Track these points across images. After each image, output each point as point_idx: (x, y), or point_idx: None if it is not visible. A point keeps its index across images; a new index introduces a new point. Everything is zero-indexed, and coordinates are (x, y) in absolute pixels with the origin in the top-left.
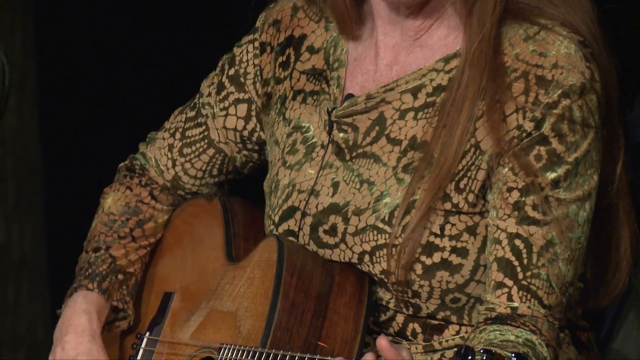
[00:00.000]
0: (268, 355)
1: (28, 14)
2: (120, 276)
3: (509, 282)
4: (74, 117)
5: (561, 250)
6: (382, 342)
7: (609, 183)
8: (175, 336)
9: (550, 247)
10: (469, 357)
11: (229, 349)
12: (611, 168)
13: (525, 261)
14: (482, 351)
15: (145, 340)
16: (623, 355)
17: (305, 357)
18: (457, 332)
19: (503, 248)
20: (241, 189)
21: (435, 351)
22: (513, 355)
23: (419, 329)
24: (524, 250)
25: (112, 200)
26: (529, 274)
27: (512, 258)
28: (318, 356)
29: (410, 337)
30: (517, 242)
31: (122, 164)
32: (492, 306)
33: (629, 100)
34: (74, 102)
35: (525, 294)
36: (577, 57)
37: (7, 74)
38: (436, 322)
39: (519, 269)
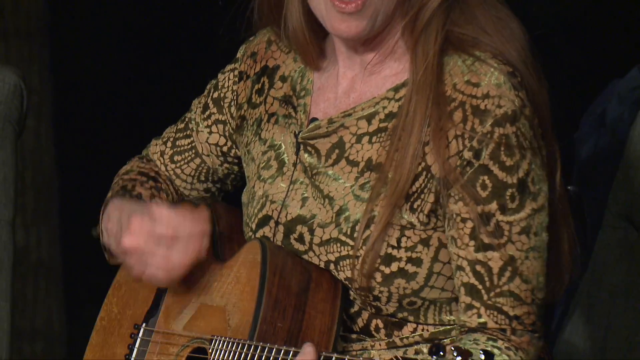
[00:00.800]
0: (256, 347)
1: (45, 45)
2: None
3: (477, 304)
4: (85, 136)
5: (520, 264)
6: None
7: (550, 193)
8: (169, 327)
9: (509, 265)
10: (440, 353)
11: (220, 341)
12: (551, 180)
13: (487, 284)
14: (452, 348)
15: (142, 330)
16: (571, 344)
17: (290, 351)
18: (415, 330)
19: (467, 274)
20: (225, 195)
21: (397, 347)
22: (481, 351)
23: (381, 325)
24: (485, 274)
25: (132, 166)
26: (492, 294)
27: (476, 282)
28: (293, 349)
29: (373, 333)
30: (478, 267)
31: (134, 158)
32: (464, 324)
33: (576, 120)
34: (86, 123)
35: (492, 311)
36: (506, 87)
37: (25, 98)
38: (396, 320)
39: (483, 291)
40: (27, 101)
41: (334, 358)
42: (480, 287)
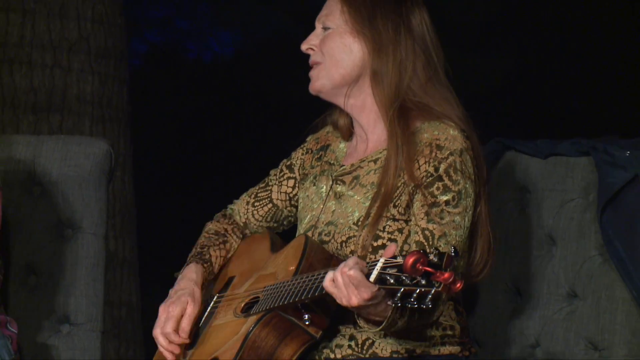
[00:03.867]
0: (292, 281)
1: (128, 125)
2: (211, 268)
3: None
4: (155, 182)
5: (451, 239)
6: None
7: (477, 206)
8: (234, 293)
9: (444, 237)
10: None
11: (270, 287)
12: (479, 199)
13: (430, 243)
14: (432, 249)
15: (215, 298)
16: None
17: (321, 273)
18: None
19: (419, 235)
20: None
21: None
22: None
23: None
24: (430, 237)
25: (213, 226)
26: (432, 250)
27: (423, 240)
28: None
29: None
30: (427, 232)
31: (219, 213)
32: None
33: None
34: (153, 174)
35: None
36: (458, 136)
37: (113, 158)
38: None
39: (427, 247)
40: (115, 160)
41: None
42: (425, 243)
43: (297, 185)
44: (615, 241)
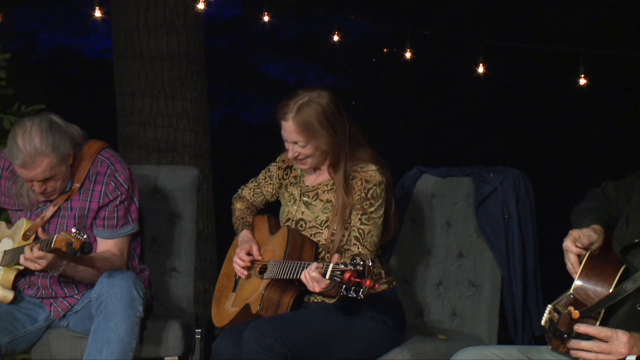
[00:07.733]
0: (285, 262)
1: (210, 159)
2: (251, 227)
3: (358, 244)
4: (224, 192)
5: (374, 234)
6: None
7: (388, 210)
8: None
9: (370, 233)
10: (355, 260)
11: (273, 262)
12: (389, 209)
13: (362, 237)
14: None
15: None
16: None
17: (303, 264)
18: None
19: (355, 232)
20: (272, 212)
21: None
22: (370, 258)
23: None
24: (362, 233)
25: (239, 205)
26: (363, 240)
27: (359, 235)
28: (301, 262)
29: None
30: (360, 230)
31: (235, 195)
32: (352, 252)
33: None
34: (225, 187)
35: (364, 248)
36: (377, 172)
37: (200, 178)
38: None
39: (360, 239)
40: (202, 179)
41: (330, 266)
42: (360, 237)
43: (274, 188)
44: (484, 225)
